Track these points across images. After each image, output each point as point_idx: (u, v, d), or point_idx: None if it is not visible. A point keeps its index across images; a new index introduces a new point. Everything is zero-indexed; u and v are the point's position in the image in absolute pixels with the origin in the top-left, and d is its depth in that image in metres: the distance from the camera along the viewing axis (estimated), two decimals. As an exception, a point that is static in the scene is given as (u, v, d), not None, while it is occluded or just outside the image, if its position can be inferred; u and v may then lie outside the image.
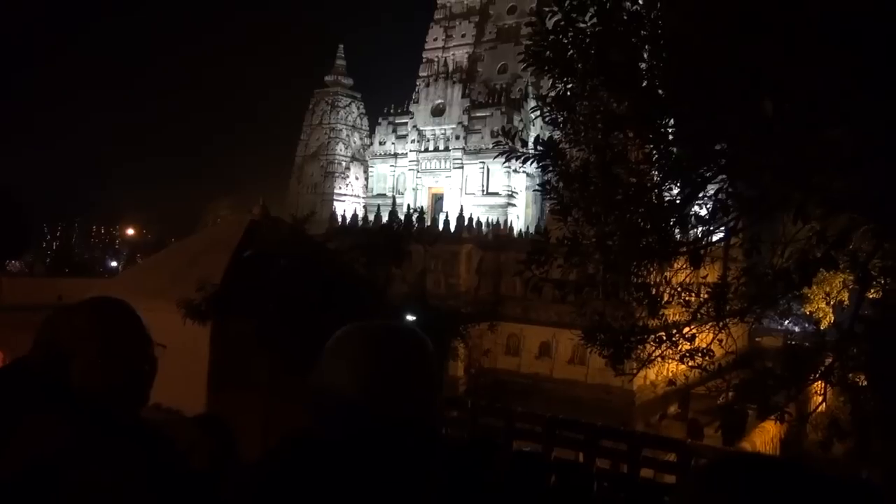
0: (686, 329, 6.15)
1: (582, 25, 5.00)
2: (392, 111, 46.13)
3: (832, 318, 15.61)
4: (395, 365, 1.32)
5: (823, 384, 6.47)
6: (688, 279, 6.26)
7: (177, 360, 1.75)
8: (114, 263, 62.94)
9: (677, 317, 6.40)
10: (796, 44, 3.37)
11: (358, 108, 55.86)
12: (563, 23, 5.06)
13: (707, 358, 5.99)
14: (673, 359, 6.18)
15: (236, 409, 8.28)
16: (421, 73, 46.27)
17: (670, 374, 17.81)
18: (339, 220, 40.71)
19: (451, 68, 44.68)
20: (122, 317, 1.63)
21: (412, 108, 44.74)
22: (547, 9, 5.26)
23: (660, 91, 4.85)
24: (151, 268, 13.96)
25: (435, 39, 46.95)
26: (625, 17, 4.98)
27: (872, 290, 6.92)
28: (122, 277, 17.24)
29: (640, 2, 5.05)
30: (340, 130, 53.98)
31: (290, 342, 8.21)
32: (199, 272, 9.46)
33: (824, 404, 7.35)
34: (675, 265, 5.69)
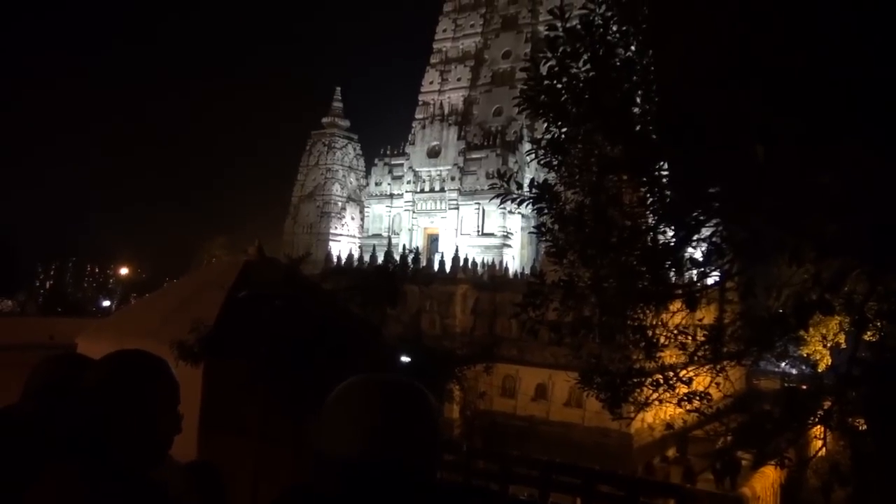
0: (683, 372, 6.10)
1: (575, 71, 5.10)
2: (388, 152, 46.58)
3: (829, 360, 15.57)
4: (398, 420, 1.32)
5: (823, 428, 6.41)
6: (684, 321, 6.25)
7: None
8: (107, 303, 62.53)
9: (674, 359, 6.36)
10: (784, 91, 3.43)
11: (354, 150, 56.42)
12: (556, 68, 5.15)
13: (705, 402, 5.94)
14: (670, 402, 6.12)
15: (227, 455, 8.14)
16: (417, 116, 46.89)
17: (668, 417, 17.64)
18: (335, 260, 40.69)
19: (446, 111, 45.30)
20: (153, 377, 1.59)
21: (408, 149, 45.19)
22: (541, 54, 5.36)
23: (652, 135, 4.91)
24: (144, 308, 13.88)
25: (431, 83, 47.72)
26: (617, 64, 5.08)
27: (869, 333, 6.90)
28: (115, 317, 17.11)
29: (632, 49, 5.16)
30: (337, 171, 54.38)
31: (282, 386, 8.13)
32: (192, 313, 9.40)
33: (824, 449, 7.26)
34: (671, 308, 5.68)
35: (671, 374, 6.09)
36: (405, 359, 13.36)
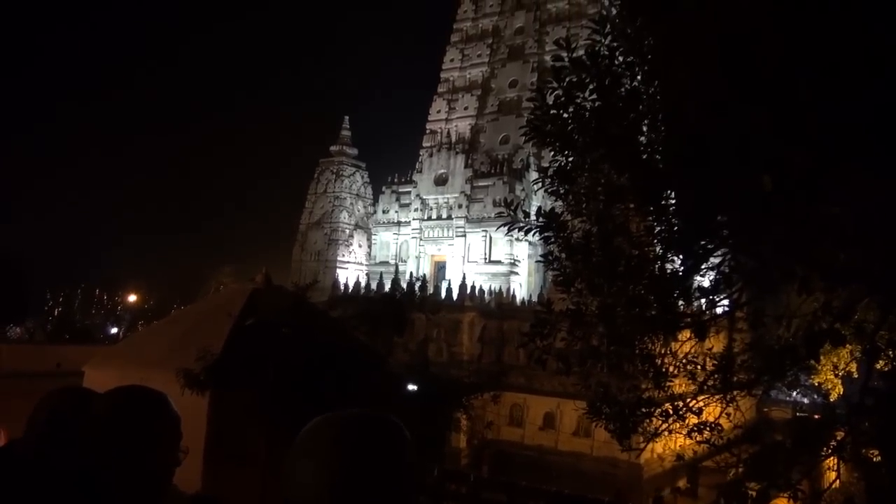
0: (693, 402, 6.03)
1: (581, 101, 5.13)
2: (396, 180, 46.85)
3: (841, 389, 15.35)
4: (366, 463, 1.22)
5: (836, 459, 6.30)
6: (693, 350, 6.19)
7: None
8: (114, 329, 62.60)
9: (683, 388, 6.29)
10: (791, 121, 3.44)
11: (362, 177, 56.80)
12: (563, 98, 5.19)
13: (715, 433, 5.86)
14: (680, 433, 6.03)
15: (233, 486, 8.05)
16: (424, 144, 47.24)
17: (678, 447, 17.38)
18: (342, 287, 40.71)
19: (454, 139, 45.62)
20: (156, 411, 1.59)
21: (416, 177, 45.44)
22: (547, 84, 5.41)
23: (659, 164, 4.92)
24: (151, 336, 13.89)
25: (438, 111, 48.15)
26: (623, 93, 5.12)
27: (881, 362, 6.82)
28: (122, 345, 17.12)
29: (638, 79, 5.19)
30: (345, 199, 54.70)
31: (289, 415, 8.07)
32: (199, 341, 9.40)
33: (838, 481, 7.13)
34: (680, 337, 5.63)
35: (681, 403, 6.02)
36: (412, 387, 13.29)
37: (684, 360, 6.05)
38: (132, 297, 70.39)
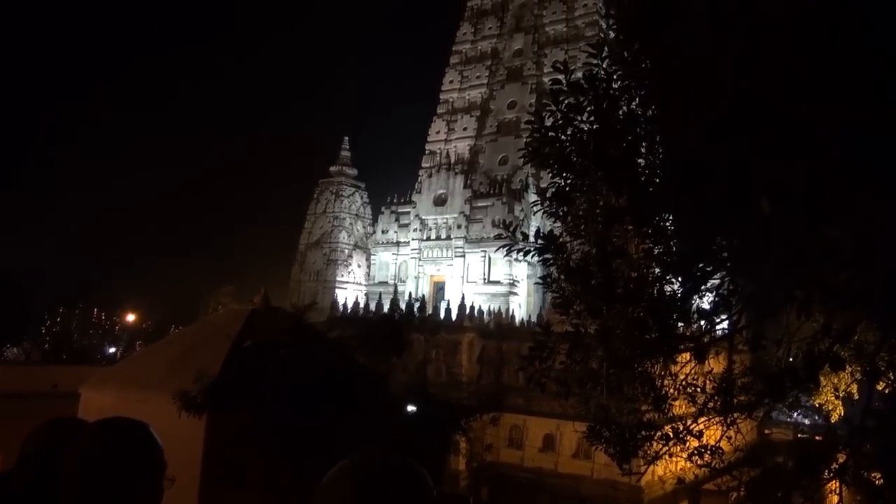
0: (693, 425, 5.99)
1: (579, 123, 5.16)
2: (395, 200, 46.96)
3: (842, 411, 15.27)
4: None
5: (838, 483, 6.24)
6: (693, 373, 6.16)
7: (168, 455, 1.69)
8: (112, 350, 62.32)
9: (683, 410, 6.25)
10: (789, 144, 3.46)
11: (361, 198, 56.95)
12: (561, 121, 5.22)
13: (716, 456, 5.81)
14: (681, 456, 5.99)
15: (229, 510, 7.97)
16: (424, 164, 47.43)
17: (679, 470, 17.23)
18: (341, 308, 40.61)
19: (453, 159, 45.82)
20: (136, 445, 1.59)
21: (415, 197, 45.55)
22: (545, 107, 5.44)
23: (658, 187, 4.93)
24: (149, 357, 13.82)
25: (437, 132, 48.41)
26: (621, 116, 5.15)
27: (882, 384, 6.80)
28: (119, 366, 17.02)
29: (636, 102, 5.23)
30: (344, 219, 54.79)
31: (287, 438, 8.01)
32: (197, 362, 9.35)
33: (841, 504, 7.06)
34: (680, 359, 5.61)
35: (681, 426, 5.98)
36: (411, 408, 13.20)
37: (684, 383, 6.02)
38: (131, 317, 70.19)
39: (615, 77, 5.20)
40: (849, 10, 3.49)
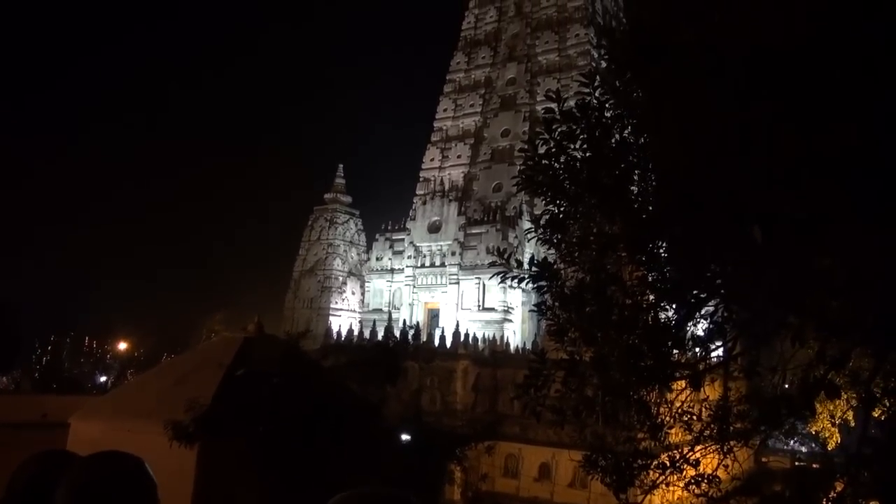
0: (690, 453, 5.94)
1: (572, 151, 5.21)
2: (389, 228, 47.01)
3: (839, 438, 15.21)
4: None
5: (837, 511, 6.18)
6: (688, 400, 6.13)
7: (159, 486, 1.65)
8: (103, 378, 61.66)
9: (679, 438, 6.21)
10: (781, 174, 3.49)
11: (356, 225, 56.98)
12: (554, 149, 5.27)
13: (714, 485, 5.76)
14: (678, 486, 5.93)
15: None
16: (418, 192, 47.61)
17: (676, 500, 17.05)
18: (335, 335, 40.38)
19: (447, 187, 46.02)
20: (130, 481, 1.56)
21: (409, 224, 45.64)
22: (539, 131, 5.49)
23: (651, 214, 4.96)
24: (140, 386, 13.68)
25: (432, 160, 48.70)
26: (614, 144, 5.20)
27: (877, 411, 6.77)
28: (110, 396, 16.83)
29: (628, 130, 5.28)
30: (338, 246, 54.75)
31: (280, 468, 7.90)
32: (189, 391, 9.26)
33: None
34: (675, 386, 5.59)
35: (677, 454, 5.93)
36: (405, 437, 13.07)
37: (680, 411, 5.99)
38: (122, 345, 69.57)
39: (607, 106, 5.26)
40: (838, 42, 3.55)
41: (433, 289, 43.19)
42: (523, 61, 47.22)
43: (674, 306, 5.11)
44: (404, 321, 41.07)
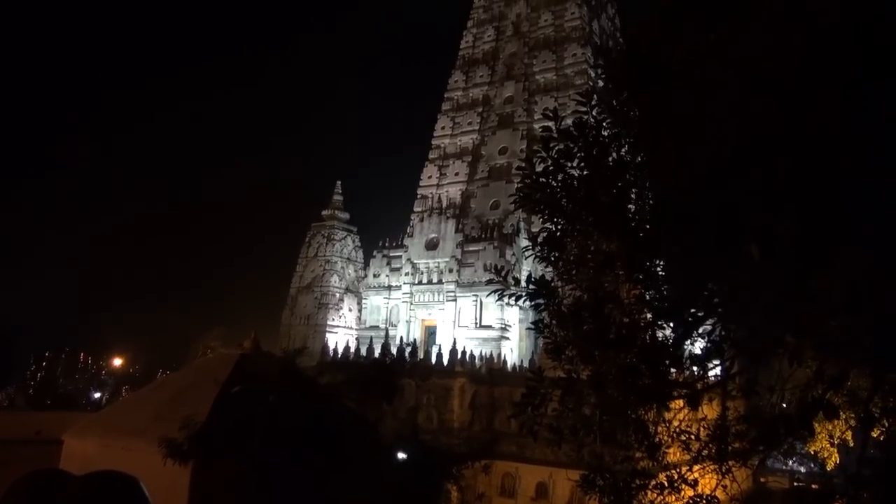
0: (688, 472, 5.90)
1: (570, 170, 5.22)
2: (387, 244, 47.02)
3: (838, 458, 15.11)
4: None
5: (836, 533, 6.13)
6: (686, 419, 6.10)
7: (152, 504, 1.63)
8: (98, 395, 61.27)
9: (677, 457, 6.17)
10: (777, 193, 3.50)
11: (353, 242, 56.99)
12: (551, 167, 5.28)
13: (712, 506, 5.71)
14: (676, 506, 5.88)
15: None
16: (416, 209, 47.68)
17: (674, 519, 16.84)
18: (331, 352, 40.22)
19: (444, 204, 46.11)
20: (126, 502, 1.54)
21: (406, 241, 45.64)
22: (536, 153, 5.51)
23: (648, 232, 4.97)
24: (135, 403, 13.57)
25: (429, 177, 48.84)
26: (611, 163, 5.22)
27: (876, 430, 6.74)
28: (104, 412, 16.70)
29: (625, 149, 5.30)
30: (335, 263, 54.71)
31: (276, 487, 7.82)
32: (184, 408, 9.18)
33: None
34: (673, 406, 5.56)
35: (675, 474, 5.88)
36: (401, 456, 12.96)
37: (678, 430, 5.95)
38: (118, 362, 69.20)
39: (604, 124, 5.29)
40: (832, 64, 3.58)
41: (430, 306, 43.09)
42: (521, 80, 47.55)
43: (671, 325, 5.10)
44: (401, 338, 40.94)
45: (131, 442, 8.82)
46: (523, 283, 5.47)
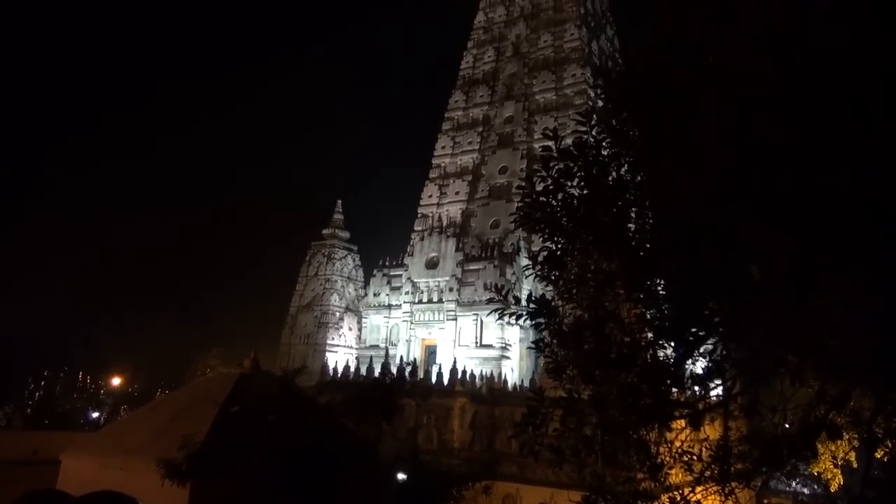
0: (690, 494, 5.85)
1: (570, 189, 5.24)
2: (387, 263, 46.96)
3: (841, 479, 14.99)
4: None
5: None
6: (688, 440, 6.06)
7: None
8: (96, 414, 60.92)
9: (680, 478, 6.11)
10: (777, 212, 3.50)
11: (354, 260, 56.97)
12: (551, 186, 5.30)
13: (715, 528, 5.65)
14: (679, 529, 5.81)
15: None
16: (416, 228, 47.73)
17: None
18: (331, 372, 40.03)
19: (444, 223, 46.16)
20: None
21: (407, 260, 45.61)
22: (537, 168, 5.54)
23: (648, 251, 4.97)
24: (133, 422, 13.49)
25: (430, 196, 48.95)
26: (610, 182, 5.24)
27: (880, 451, 6.69)
28: (102, 432, 16.59)
29: (624, 169, 5.33)
30: (336, 281, 54.66)
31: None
32: (183, 428, 9.13)
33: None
34: (675, 426, 5.52)
35: (678, 495, 5.83)
36: (401, 477, 12.86)
37: (680, 450, 5.91)
38: (116, 381, 68.88)
39: (604, 144, 5.31)
40: (830, 86, 3.61)
41: (430, 325, 42.99)
42: (521, 100, 47.86)
43: (672, 344, 5.08)
44: (401, 357, 40.77)
45: (130, 462, 8.76)
46: (524, 302, 5.47)
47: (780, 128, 3.80)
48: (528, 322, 5.39)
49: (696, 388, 5.29)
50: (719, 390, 5.68)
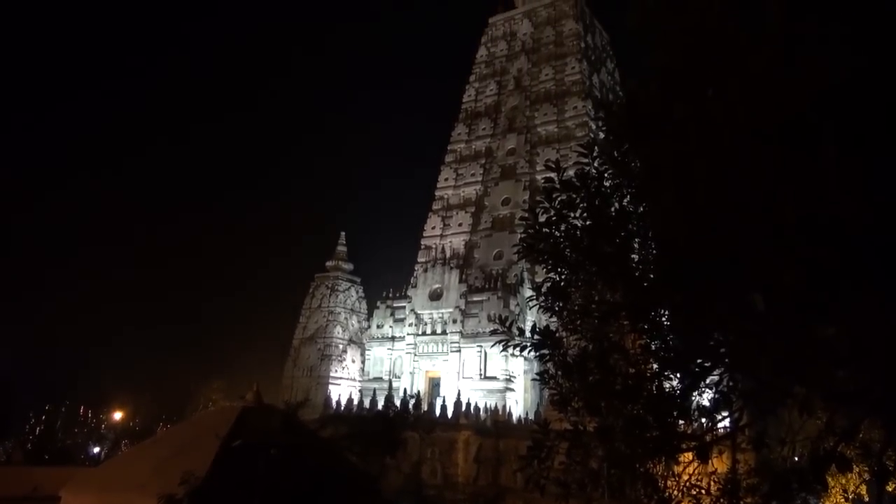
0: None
1: (573, 220, 5.26)
2: (391, 295, 46.91)
3: (853, 513, 14.73)
4: None
5: None
6: (696, 472, 5.97)
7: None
8: (97, 449, 60.30)
9: (688, 512, 6.01)
10: (781, 242, 3.51)
11: (357, 292, 56.93)
12: (554, 217, 5.33)
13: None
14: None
15: None
16: (419, 259, 47.80)
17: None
18: (334, 405, 39.72)
19: (448, 254, 46.24)
20: None
21: (410, 292, 45.56)
22: (539, 200, 5.57)
23: (652, 282, 4.97)
24: (135, 457, 13.37)
25: (433, 228, 49.12)
26: (613, 213, 5.26)
27: (891, 485, 6.58)
28: (103, 468, 16.42)
29: (627, 199, 5.35)
30: (339, 314, 54.56)
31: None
32: (184, 463, 9.04)
33: None
34: (682, 458, 5.45)
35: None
36: (405, 512, 12.68)
37: (688, 484, 5.82)
38: (118, 415, 68.31)
39: (606, 175, 5.35)
40: (832, 115, 3.64)
41: (434, 357, 42.76)
42: (523, 132, 48.30)
43: (678, 375, 5.04)
44: (405, 390, 40.47)
45: (130, 498, 8.65)
46: (528, 334, 5.45)
47: (782, 158, 3.82)
48: (532, 353, 5.37)
49: (703, 419, 5.23)
50: (726, 422, 5.61)
